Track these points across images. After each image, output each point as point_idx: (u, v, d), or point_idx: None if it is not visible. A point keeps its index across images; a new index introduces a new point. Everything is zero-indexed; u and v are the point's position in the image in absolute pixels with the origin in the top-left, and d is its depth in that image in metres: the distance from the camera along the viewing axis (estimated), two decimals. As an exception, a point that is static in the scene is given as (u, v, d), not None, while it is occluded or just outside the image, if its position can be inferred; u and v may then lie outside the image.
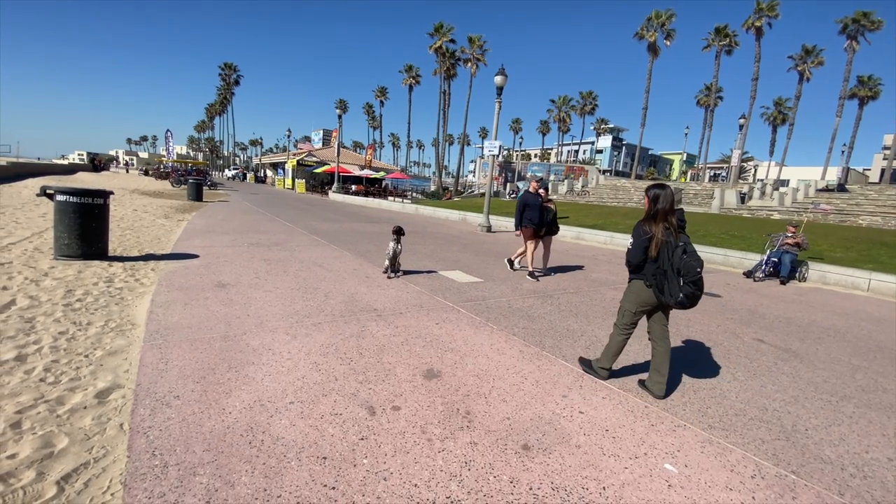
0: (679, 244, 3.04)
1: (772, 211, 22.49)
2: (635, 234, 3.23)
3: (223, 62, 74.22)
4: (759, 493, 2.27)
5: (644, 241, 3.15)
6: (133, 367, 3.15)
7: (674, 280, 3.00)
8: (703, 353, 4.36)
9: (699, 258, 2.99)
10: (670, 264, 3.01)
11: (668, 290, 3.04)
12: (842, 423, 3.16)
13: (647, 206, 3.25)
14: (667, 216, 3.12)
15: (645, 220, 3.22)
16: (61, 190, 5.79)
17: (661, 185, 3.26)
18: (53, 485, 1.97)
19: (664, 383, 3.25)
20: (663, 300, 3.10)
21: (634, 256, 3.21)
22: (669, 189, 3.20)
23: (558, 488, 2.16)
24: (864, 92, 42.85)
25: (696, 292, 2.99)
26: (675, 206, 3.18)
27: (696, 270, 2.93)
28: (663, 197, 3.16)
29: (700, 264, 2.96)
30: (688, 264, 2.95)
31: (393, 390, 3.06)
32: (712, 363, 4.11)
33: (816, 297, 7.81)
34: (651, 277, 3.14)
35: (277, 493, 1.99)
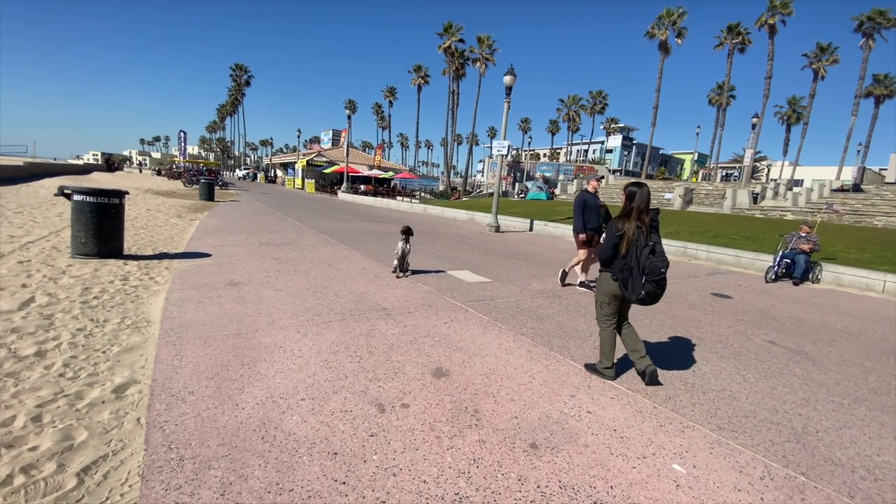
0: (648, 244, 3.15)
1: (785, 211, 22.18)
2: (608, 230, 3.39)
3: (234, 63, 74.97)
4: (768, 494, 2.27)
5: (615, 238, 3.28)
6: (149, 363, 3.22)
7: (638, 278, 3.14)
8: (713, 355, 4.33)
9: (665, 259, 3.10)
10: (637, 262, 3.14)
11: (631, 286, 3.18)
12: (853, 425, 3.13)
13: (623, 204, 3.36)
14: (640, 215, 3.22)
15: (619, 218, 3.33)
16: (78, 190, 5.92)
17: (639, 183, 3.36)
18: (74, 476, 2.03)
19: (646, 355, 3.38)
20: (626, 295, 3.24)
21: (604, 252, 3.38)
22: (646, 188, 3.31)
23: (566, 487, 2.18)
24: (881, 90, 42.09)
25: (657, 290, 3.12)
26: (650, 205, 3.29)
27: (661, 271, 3.06)
28: (639, 196, 3.26)
29: (665, 265, 3.08)
30: (653, 264, 3.07)
31: (402, 388, 3.09)
32: (723, 365, 4.08)
33: (830, 299, 7.71)
34: (618, 272, 3.28)
35: (290, 487, 2.04)
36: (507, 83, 13.80)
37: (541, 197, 32.97)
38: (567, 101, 61.96)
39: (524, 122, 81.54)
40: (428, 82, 53.38)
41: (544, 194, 33.39)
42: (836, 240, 12.94)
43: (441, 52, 43.64)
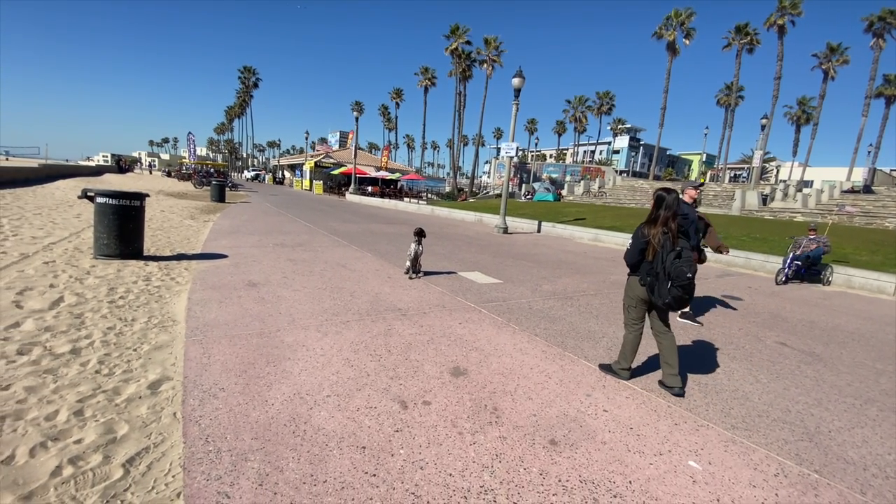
0: (675, 249, 3.17)
1: (795, 213, 22.05)
2: (634, 235, 3.42)
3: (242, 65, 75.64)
4: (783, 490, 2.34)
5: (641, 244, 3.32)
6: (179, 360, 3.35)
7: (664, 282, 3.16)
8: (725, 356, 4.39)
9: (692, 264, 3.13)
10: (662, 267, 3.16)
11: (658, 290, 3.20)
12: (865, 425, 3.19)
13: (651, 209, 3.39)
14: (667, 221, 3.24)
15: (646, 223, 3.36)
16: (101, 193, 6.09)
17: (668, 189, 3.38)
18: (120, 467, 2.15)
19: (677, 376, 3.37)
20: (653, 300, 3.26)
21: (631, 257, 3.42)
22: (674, 194, 3.32)
23: (586, 481, 2.27)
24: (892, 91, 41.57)
25: (683, 296, 3.15)
26: (678, 211, 3.30)
27: (687, 276, 3.08)
28: (667, 202, 3.28)
29: (692, 270, 3.10)
30: (678, 269, 3.10)
31: (422, 386, 3.19)
32: (735, 366, 4.15)
33: (841, 301, 7.71)
34: (645, 277, 3.31)
35: (323, 479, 2.14)
36: (516, 85, 13.88)
37: (548, 198, 32.98)
38: (574, 102, 61.86)
39: (531, 122, 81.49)
40: (434, 84, 53.54)
41: (551, 195, 33.39)
42: (847, 242, 12.88)
43: (448, 54, 43.77)
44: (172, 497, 1.98)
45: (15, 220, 9.06)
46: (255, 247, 8.55)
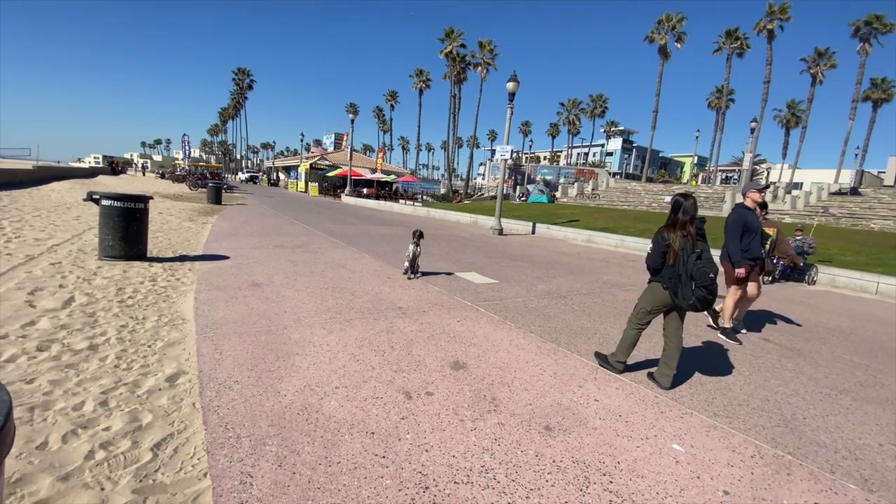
0: (696, 251, 3.28)
1: (784, 214, 22.49)
2: (655, 240, 3.52)
3: (237, 67, 75.54)
4: (758, 469, 2.56)
5: (662, 247, 3.43)
6: (192, 356, 3.52)
7: (687, 284, 3.26)
8: (710, 351, 4.62)
9: (714, 265, 3.24)
10: (685, 269, 3.26)
11: (681, 293, 3.29)
12: (839, 413, 3.42)
13: (669, 214, 3.51)
14: (686, 225, 3.36)
15: (665, 227, 3.48)
16: (106, 195, 6.23)
17: (685, 194, 3.50)
18: (148, 451, 2.32)
19: (671, 376, 3.52)
20: (677, 302, 3.36)
21: (653, 261, 3.51)
22: (692, 199, 3.45)
23: (578, 462, 2.47)
24: (878, 94, 42.45)
25: (707, 296, 3.23)
26: (696, 215, 3.42)
27: (709, 276, 3.18)
28: (685, 206, 3.40)
29: (714, 270, 3.20)
30: (701, 270, 3.20)
31: (425, 378, 3.39)
32: (719, 360, 4.37)
33: (824, 300, 8.00)
34: (668, 280, 3.40)
35: (337, 460, 2.33)
36: (511, 89, 14.12)
37: (542, 200, 33.30)
38: (567, 105, 62.39)
39: (525, 124, 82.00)
40: (429, 86, 53.80)
41: (545, 197, 33.72)
42: (832, 243, 13.24)
43: (443, 57, 44.08)
44: (200, 477, 2.15)
45: (15, 222, 9.14)
46: (256, 248, 8.70)
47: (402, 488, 2.15)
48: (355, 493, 2.10)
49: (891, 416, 3.44)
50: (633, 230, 15.56)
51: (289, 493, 2.07)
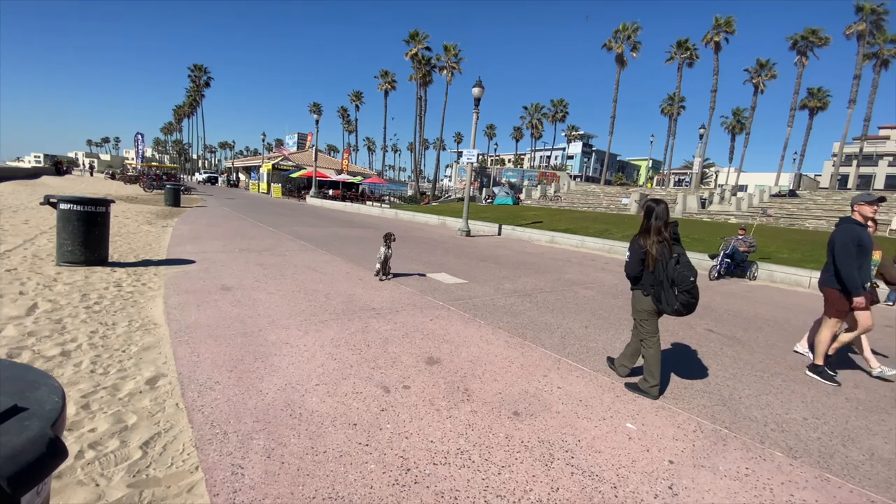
0: (673, 255, 3.29)
1: (729, 215, 24.05)
2: (631, 247, 3.53)
3: (193, 63, 72.44)
4: (699, 441, 2.91)
5: (640, 255, 3.43)
6: (169, 359, 3.56)
7: (669, 290, 3.27)
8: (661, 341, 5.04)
9: (692, 268, 3.25)
10: (665, 275, 3.28)
11: (664, 299, 3.31)
12: (770, 393, 3.87)
13: (642, 220, 3.49)
14: (660, 230, 3.37)
15: (640, 234, 3.48)
16: (65, 199, 6.04)
17: (657, 200, 3.50)
18: (138, 449, 2.40)
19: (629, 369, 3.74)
20: (661, 308, 3.37)
21: (632, 269, 3.52)
22: (664, 204, 3.43)
23: (543, 441, 2.74)
24: (814, 103, 45.87)
25: (691, 300, 3.24)
26: (668, 219, 3.42)
27: (689, 280, 3.19)
28: (657, 212, 3.39)
29: (693, 274, 3.21)
30: (681, 274, 3.21)
31: (401, 374, 3.58)
32: (668, 349, 4.79)
33: (763, 294, 8.75)
34: (649, 287, 3.42)
35: (323, 449, 2.49)
36: (476, 95, 14.49)
37: (507, 202, 34.03)
38: (530, 109, 63.93)
39: (490, 128, 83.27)
40: (395, 87, 53.81)
41: (510, 199, 34.48)
42: (771, 241, 14.36)
43: (408, 59, 44.19)
44: (191, 470, 2.27)
45: (-44, 226, 8.60)
46: (222, 252, 8.58)
47: (385, 471, 2.34)
48: (342, 477, 2.27)
49: (815, 395, 3.92)
50: (592, 231, 16.27)
51: (279, 480, 2.22)
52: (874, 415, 3.61)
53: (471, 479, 2.32)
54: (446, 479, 2.32)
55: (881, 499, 2.49)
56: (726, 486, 2.46)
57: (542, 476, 2.40)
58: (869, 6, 36.48)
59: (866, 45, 37.43)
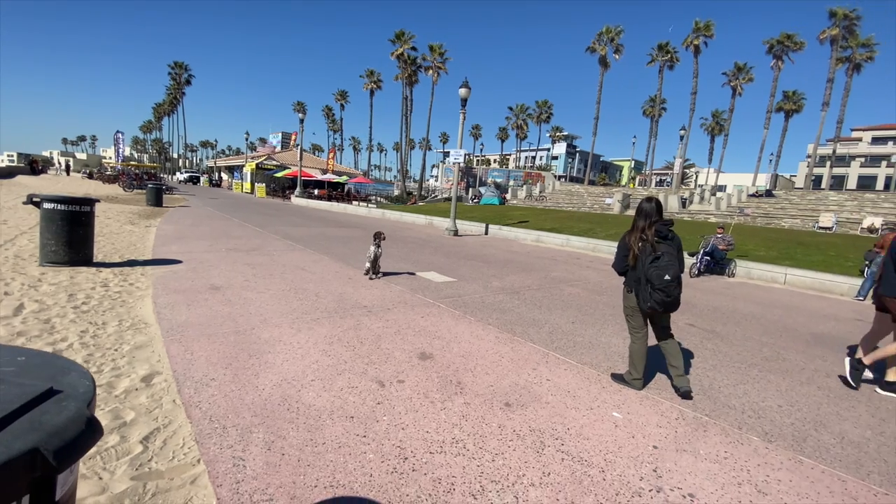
0: (655, 254, 3.35)
1: (709, 214, 24.66)
2: (619, 244, 3.66)
3: (173, 61, 71.05)
4: (681, 428, 3.06)
5: (623, 251, 3.57)
6: (163, 358, 3.57)
7: (645, 287, 3.37)
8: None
9: (672, 267, 3.29)
10: (643, 273, 3.39)
11: (641, 296, 3.43)
12: (747, 382, 4.05)
13: (633, 218, 3.62)
14: (644, 229, 3.46)
15: (628, 232, 3.60)
16: (48, 198, 5.95)
17: (649, 198, 3.59)
18: (138, 444, 2.44)
19: (684, 375, 3.52)
20: (639, 305, 3.47)
21: (617, 264, 3.68)
22: (653, 203, 3.52)
23: (534, 430, 2.85)
24: (790, 106, 47.23)
25: (664, 299, 3.29)
26: (655, 218, 3.47)
27: (663, 279, 3.26)
28: (645, 210, 3.50)
29: (670, 272, 3.26)
30: (654, 273, 3.29)
31: (395, 369, 3.66)
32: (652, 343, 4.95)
33: (741, 290, 9.05)
34: (632, 284, 3.53)
35: (322, 441, 2.56)
36: (463, 95, 14.60)
37: (494, 202, 34.28)
38: (515, 110, 64.40)
39: (475, 128, 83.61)
40: (380, 87, 53.60)
41: (497, 199, 34.75)
42: (748, 240, 14.81)
43: (394, 59, 44.11)
44: (193, 463, 2.31)
45: (-70, 227, 8.36)
46: (208, 252, 8.52)
47: (384, 460, 2.43)
48: (342, 466, 2.35)
49: (789, 384, 4.12)
50: (576, 230, 16.54)
51: (281, 470, 2.29)
52: (845, 402, 3.82)
53: (466, 466, 2.42)
54: (443, 466, 2.41)
55: (851, 478, 2.66)
56: (706, 468, 2.61)
57: (534, 462, 2.51)
58: (842, 11, 37.75)
59: (839, 49, 38.70)
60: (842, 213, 22.93)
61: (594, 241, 13.93)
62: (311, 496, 2.12)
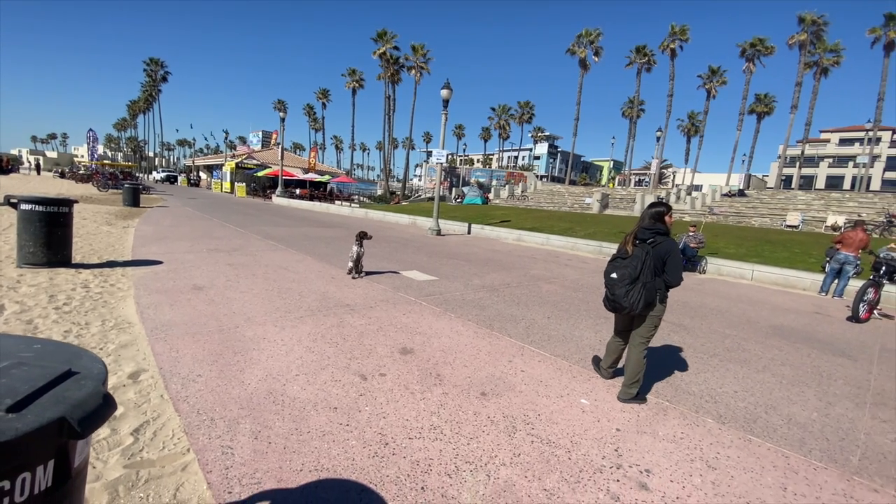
0: (621, 254, 3.51)
1: (684, 213, 25.39)
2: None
3: (149, 57, 69.40)
4: (643, 413, 3.30)
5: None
6: (148, 356, 3.65)
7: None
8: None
9: (620, 267, 3.38)
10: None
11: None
12: (707, 371, 4.34)
13: None
14: (626, 237, 3.59)
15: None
16: (26, 199, 5.90)
17: (654, 203, 3.64)
18: (129, 435, 2.55)
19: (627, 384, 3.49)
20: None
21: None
22: (649, 209, 3.57)
23: (508, 416, 3.05)
24: (762, 108, 48.75)
25: (608, 295, 3.46)
26: (645, 223, 3.52)
27: (609, 276, 3.42)
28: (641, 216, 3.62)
29: (616, 271, 3.38)
30: (606, 270, 3.48)
31: (377, 363, 3.82)
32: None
33: (710, 286, 9.46)
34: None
35: (307, 430, 2.71)
36: (444, 97, 14.77)
37: (476, 201, 34.58)
38: (498, 111, 64.92)
39: (458, 128, 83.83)
40: (363, 86, 53.45)
41: (480, 199, 35.05)
42: (720, 238, 15.38)
43: (376, 58, 44.03)
44: (183, 452, 2.44)
45: None
46: (189, 252, 8.50)
47: (365, 446, 2.59)
48: (326, 452, 2.50)
49: (747, 372, 4.41)
50: (556, 229, 16.90)
51: (268, 457, 2.43)
52: (795, 387, 4.13)
53: (443, 450, 2.60)
54: (421, 450, 2.59)
55: (794, 454, 2.93)
56: (663, 447, 2.84)
57: (505, 444, 2.71)
58: (810, 17, 39.21)
59: (807, 54, 40.20)
60: (809, 212, 23.91)
61: (573, 239, 14.29)
62: (297, 479, 2.27)
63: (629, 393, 3.46)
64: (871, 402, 3.94)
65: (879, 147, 50.88)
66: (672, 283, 3.46)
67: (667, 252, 3.42)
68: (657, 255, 3.40)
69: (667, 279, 3.45)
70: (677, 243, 3.54)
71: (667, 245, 3.44)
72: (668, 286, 3.47)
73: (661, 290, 3.45)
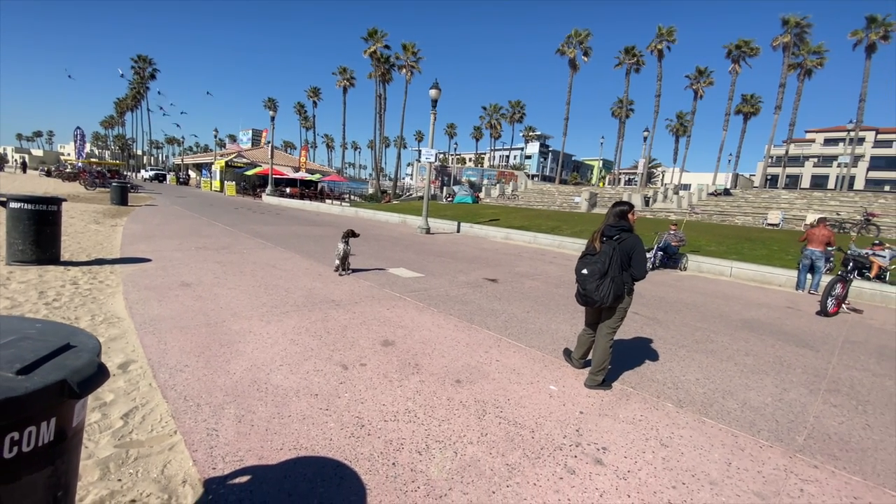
0: (590, 251, 3.71)
1: (670, 212, 25.84)
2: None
3: (136, 54, 68.65)
4: (607, 398, 3.52)
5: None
6: (137, 348, 3.80)
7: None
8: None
9: (590, 263, 3.59)
10: None
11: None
12: (673, 360, 4.58)
13: None
14: (594, 234, 3.80)
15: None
16: (15, 197, 5.99)
17: (620, 202, 3.90)
18: (119, 419, 2.71)
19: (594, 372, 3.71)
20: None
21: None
22: (614, 207, 3.84)
23: (479, 401, 3.25)
24: (748, 108, 49.49)
25: (580, 290, 3.70)
26: (610, 221, 3.76)
27: (580, 272, 3.64)
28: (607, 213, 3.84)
29: (587, 267, 3.60)
30: (577, 266, 3.71)
31: (359, 354, 4.00)
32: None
33: (689, 282, 9.76)
34: None
35: (288, 414, 2.88)
36: (433, 97, 14.95)
37: (467, 200, 34.78)
38: (489, 110, 65.20)
39: (450, 127, 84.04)
40: (353, 84, 53.39)
41: (470, 198, 35.26)
42: (702, 236, 15.74)
43: (367, 57, 44.01)
44: (170, 434, 2.60)
45: None
46: (178, 250, 8.60)
47: (343, 428, 2.77)
48: (306, 434, 2.68)
49: (711, 362, 4.66)
50: (544, 228, 17.16)
51: (250, 438, 2.60)
52: (755, 375, 4.38)
53: (415, 431, 2.79)
54: (395, 431, 2.78)
55: (743, 434, 3.17)
56: (622, 428, 3.06)
57: (474, 425, 2.91)
58: (794, 19, 39.93)
59: (791, 55, 40.94)
60: (791, 211, 24.45)
61: (560, 238, 14.55)
62: (277, 457, 2.45)
63: (595, 380, 3.68)
64: (825, 388, 4.19)
65: (863, 147, 52.01)
66: (637, 277, 3.68)
67: (632, 248, 3.63)
68: (623, 251, 3.60)
69: (633, 273, 3.67)
70: (641, 239, 3.76)
71: (631, 241, 3.65)
72: (634, 279, 3.69)
73: (628, 283, 3.68)
